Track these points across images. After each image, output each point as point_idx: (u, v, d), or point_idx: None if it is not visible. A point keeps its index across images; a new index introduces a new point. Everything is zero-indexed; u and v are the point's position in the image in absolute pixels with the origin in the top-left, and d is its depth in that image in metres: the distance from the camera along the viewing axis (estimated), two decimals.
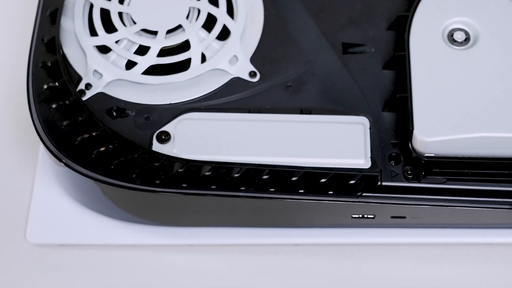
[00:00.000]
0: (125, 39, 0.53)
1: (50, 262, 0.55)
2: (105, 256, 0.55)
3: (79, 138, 0.49)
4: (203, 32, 0.54)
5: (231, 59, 0.53)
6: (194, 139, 0.50)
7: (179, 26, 0.54)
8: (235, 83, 0.52)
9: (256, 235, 0.54)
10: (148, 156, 0.49)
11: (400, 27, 0.53)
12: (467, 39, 0.51)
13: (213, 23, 0.54)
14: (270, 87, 0.52)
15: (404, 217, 0.51)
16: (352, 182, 0.49)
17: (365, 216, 0.51)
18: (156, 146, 0.50)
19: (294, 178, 0.49)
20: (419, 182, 0.49)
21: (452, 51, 0.51)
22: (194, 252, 0.55)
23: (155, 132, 0.50)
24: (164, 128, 0.50)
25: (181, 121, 0.50)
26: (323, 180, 0.49)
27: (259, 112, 0.51)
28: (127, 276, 0.54)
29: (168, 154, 0.49)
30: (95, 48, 0.53)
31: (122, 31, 0.53)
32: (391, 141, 0.50)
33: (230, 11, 0.54)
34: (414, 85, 0.49)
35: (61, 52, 0.52)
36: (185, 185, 0.49)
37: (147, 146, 0.50)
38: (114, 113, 0.51)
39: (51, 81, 0.51)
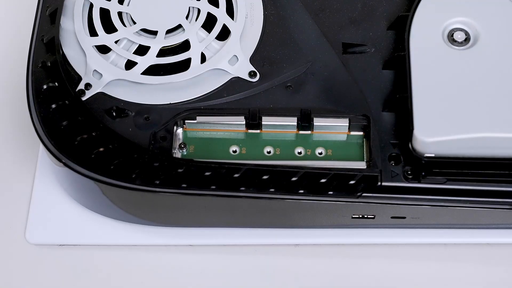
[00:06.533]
0: (125, 39, 0.53)
1: (50, 262, 0.55)
2: (105, 256, 0.55)
3: (78, 138, 0.49)
4: (203, 32, 0.54)
5: (231, 59, 0.53)
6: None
7: (179, 26, 0.54)
8: (235, 83, 0.52)
9: (256, 235, 0.54)
10: (148, 156, 0.49)
11: (400, 27, 0.53)
12: (467, 39, 0.51)
13: (213, 23, 0.54)
14: (270, 87, 0.52)
15: (404, 217, 0.51)
16: (352, 182, 0.49)
17: (365, 216, 0.51)
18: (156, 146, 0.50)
19: (294, 178, 0.49)
20: (419, 182, 0.49)
21: (452, 51, 0.50)
22: (194, 252, 0.55)
23: (154, 132, 0.50)
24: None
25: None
26: (323, 180, 0.49)
27: (259, 112, 0.51)
28: (127, 276, 0.54)
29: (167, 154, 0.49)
30: (95, 48, 0.53)
31: (122, 31, 0.53)
32: (391, 141, 0.50)
33: (230, 11, 0.54)
34: (414, 85, 0.49)
35: (61, 52, 0.52)
36: (185, 185, 0.48)
37: (147, 146, 0.50)
38: (114, 113, 0.51)
39: (51, 81, 0.51)
